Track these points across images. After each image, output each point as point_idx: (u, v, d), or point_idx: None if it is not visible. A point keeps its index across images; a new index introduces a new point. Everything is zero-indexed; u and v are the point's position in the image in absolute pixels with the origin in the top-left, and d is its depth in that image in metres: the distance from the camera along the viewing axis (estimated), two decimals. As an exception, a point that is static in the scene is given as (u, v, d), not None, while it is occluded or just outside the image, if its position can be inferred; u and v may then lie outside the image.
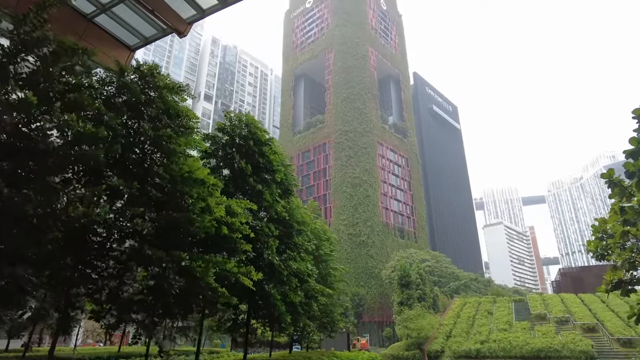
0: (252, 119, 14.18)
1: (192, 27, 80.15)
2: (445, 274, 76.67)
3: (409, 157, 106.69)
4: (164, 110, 8.87)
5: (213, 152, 14.38)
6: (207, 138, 14.14)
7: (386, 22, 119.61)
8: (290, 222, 15.83)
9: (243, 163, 13.62)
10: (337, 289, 24.49)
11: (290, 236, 15.88)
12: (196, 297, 9.44)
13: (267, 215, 14.31)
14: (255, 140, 14.49)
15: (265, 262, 13.30)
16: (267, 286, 13.01)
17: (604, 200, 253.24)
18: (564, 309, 38.05)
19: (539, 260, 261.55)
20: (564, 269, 61.76)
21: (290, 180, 17.04)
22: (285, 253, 15.12)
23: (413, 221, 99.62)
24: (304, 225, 17.13)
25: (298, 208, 16.74)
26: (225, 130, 14.54)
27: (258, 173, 14.36)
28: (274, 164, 15.18)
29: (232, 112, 14.31)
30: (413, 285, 40.52)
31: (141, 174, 8.89)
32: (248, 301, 13.92)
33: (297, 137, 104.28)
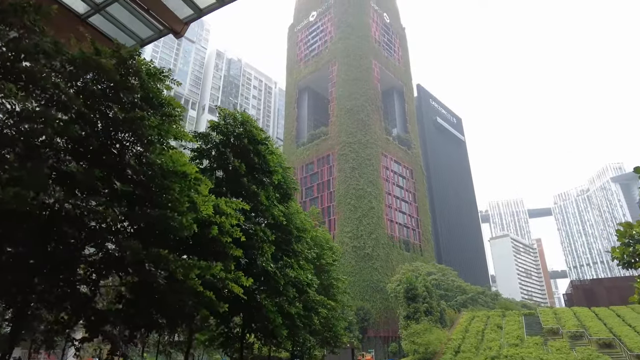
0: (248, 117, 13.36)
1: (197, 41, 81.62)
2: (452, 288, 75.08)
3: (413, 168, 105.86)
4: (144, 97, 8.03)
5: (205, 151, 13.42)
6: (199, 137, 13.31)
7: (389, 35, 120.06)
8: (289, 227, 14.65)
9: (237, 162, 12.61)
10: (340, 301, 23.02)
11: (289, 243, 14.69)
12: (179, 303, 8.37)
13: (263, 219, 13.25)
14: (250, 139, 13.52)
15: (259, 269, 12.14)
16: (259, 296, 11.88)
17: (611, 212, 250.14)
18: (577, 324, 36.62)
19: (547, 273, 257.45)
20: (575, 282, 60.08)
21: (289, 184, 15.93)
22: (282, 260, 13.91)
23: (418, 234, 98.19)
24: (304, 232, 15.88)
25: (298, 213, 15.63)
26: (219, 128, 13.59)
27: (253, 174, 13.37)
28: (270, 164, 14.12)
29: (226, 110, 13.51)
30: (420, 298, 39.33)
31: (111, 163, 7.87)
32: (242, 313, 12.76)
33: (301, 149, 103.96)
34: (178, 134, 8.49)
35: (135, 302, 8.13)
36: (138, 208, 7.79)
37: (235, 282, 9.24)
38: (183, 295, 8.09)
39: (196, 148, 13.15)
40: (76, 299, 7.36)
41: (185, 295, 8.11)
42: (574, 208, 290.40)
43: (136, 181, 7.81)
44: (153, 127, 7.84)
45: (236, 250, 9.98)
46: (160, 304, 8.23)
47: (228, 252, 9.87)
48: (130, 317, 8.08)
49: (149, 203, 7.99)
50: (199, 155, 13.41)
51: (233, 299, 10.55)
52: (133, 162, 7.72)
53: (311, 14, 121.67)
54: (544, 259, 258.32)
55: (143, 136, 7.94)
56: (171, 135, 8.30)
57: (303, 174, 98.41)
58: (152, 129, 7.90)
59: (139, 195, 7.82)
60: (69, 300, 7.26)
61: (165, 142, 8.44)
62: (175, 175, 7.90)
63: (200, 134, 13.36)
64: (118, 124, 7.61)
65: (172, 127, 8.31)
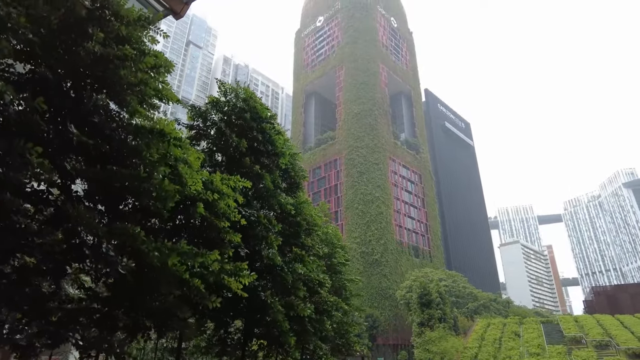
0: (252, 94, 11.93)
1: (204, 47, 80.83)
2: (463, 294, 73.16)
3: (422, 173, 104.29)
4: (116, 37, 6.60)
5: (203, 130, 11.83)
6: (197, 114, 11.89)
7: (397, 39, 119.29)
8: (298, 219, 12.88)
9: (236, 138, 11.01)
10: (352, 305, 21.11)
11: (297, 236, 12.86)
12: (159, 298, 6.89)
13: (268, 208, 11.55)
14: (253, 115, 11.89)
15: (263, 262, 10.39)
16: (263, 294, 10.04)
17: (624, 218, 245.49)
18: (602, 332, 34.69)
19: (558, 280, 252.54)
20: (597, 288, 57.73)
21: (297, 171, 14.25)
22: (291, 253, 12.16)
23: (428, 239, 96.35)
24: (315, 227, 14.36)
25: (307, 204, 14.17)
26: (219, 105, 11.92)
27: (257, 155, 11.81)
28: (277, 145, 12.51)
29: (227, 84, 12.16)
30: (433, 304, 37.65)
31: (67, 106, 6.10)
32: (242, 314, 10.88)
33: (308, 154, 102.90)
34: (162, 93, 6.83)
35: (111, 299, 6.71)
36: (100, 166, 6.06)
37: (234, 276, 7.50)
38: (161, 286, 6.56)
39: (192, 125, 11.66)
40: (25, 296, 5.59)
41: (164, 286, 6.53)
42: (585, 214, 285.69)
43: (100, 136, 6.12)
44: (128, 73, 6.18)
45: (234, 236, 8.17)
46: (132, 298, 6.74)
47: (225, 238, 8.12)
48: (104, 318, 6.51)
49: (115, 162, 6.36)
50: (195, 136, 11.83)
51: (232, 298, 9.05)
52: (98, 116, 6.18)
53: (318, 19, 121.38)
54: (555, 266, 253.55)
55: (115, 84, 6.22)
56: (151, 91, 6.87)
57: (310, 179, 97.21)
58: (133, 78, 6.28)
59: (104, 153, 6.17)
60: (19, 296, 5.45)
61: (146, 102, 6.79)
62: (153, 135, 6.26)
63: (197, 111, 11.79)
64: (83, 61, 5.86)
65: (154, 80, 6.77)
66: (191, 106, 11.60)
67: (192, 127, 11.73)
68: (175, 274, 6.24)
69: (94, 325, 6.36)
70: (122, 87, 6.39)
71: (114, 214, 6.48)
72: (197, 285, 6.58)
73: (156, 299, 7.06)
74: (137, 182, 6.17)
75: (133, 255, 6.26)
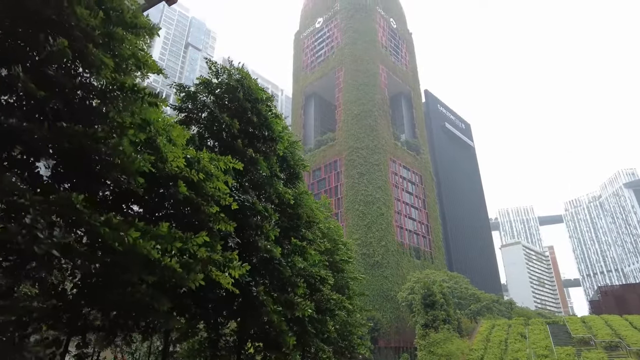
0: (246, 74, 11.03)
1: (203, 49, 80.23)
2: (466, 296, 72.29)
3: (422, 174, 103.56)
4: None
5: (191, 112, 10.65)
6: (187, 96, 10.81)
7: (396, 40, 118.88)
8: (298, 210, 11.68)
9: (227, 118, 9.91)
10: (356, 304, 19.71)
11: (297, 229, 11.74)
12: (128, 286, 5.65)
13: (264, 196, 10.42)
14: (247, 94, 10.73)
15: (258, 255, 9.28)
16: (255, 289, 8.76)
17: (625, 219, 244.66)
18: (611, 333, 33.85)
19: (560, 281, 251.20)
20: (604, 287, 56.76)
21: (297, 161, 13.17)
22: (290, 245, 11.01)
23: (429, 240, 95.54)
24: (316, 220, 12.96)
25: (307, 194, 13.23)
26: (210, 87, 10.84)
27: (251, 140, 10.65)
28: (274, 129, 11.33)
29: (219, 64, 11.29)
30: (437, 305, 36.81)
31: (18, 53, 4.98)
32: (236, 314, 9.61)
33: (308, 156, 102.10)
34: (139, 59, 5.74)
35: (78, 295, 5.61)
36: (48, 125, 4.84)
37: (222, 268, 6.45)
38: (131, 275, 5.36)
39: (181, 107, 10.68)
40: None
41: (134, 274, 5.33)
42: (586, 215, 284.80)
43: (55, 93, 5.05)
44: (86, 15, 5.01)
45: (226, 224, 7.03)
46: (100, 293, 5.58)
47: (213, 225, 6.96)
48: (74, 317, 5.63)
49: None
50: (185, 120, 10.63)
51: (224, 296, 8.13)
52: (53, 70, 5.04)
53: (317, 21, 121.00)
54: (556, 267, 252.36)
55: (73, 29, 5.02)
56: (127, 50, 5.63)
57: (310, 181, 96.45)
58: (86, 18, 5.06)
59: (58, 111, 5.11)
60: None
61: (123, 69, 5.70)
62: (118, 92, 5.29)
63: (186, 92, 10.62)
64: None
65: (130, 42, 5.60)
66: (179, 85, 10.64)
67: (181, 109, 10.69)
68: (141, 255, 5.13)
69: (62, 326, 5.49)
70: (84, 36, 5.20)
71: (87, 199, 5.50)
72: (170, 265, 5.43)
73: (130, 292, 5.84)
74: (90, 142, 4.98)
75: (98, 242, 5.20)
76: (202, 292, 7.58)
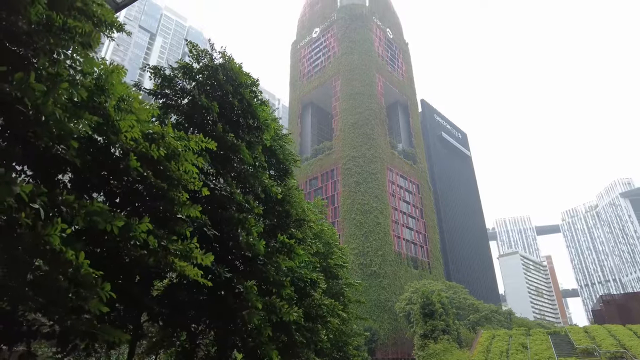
0: (230, 58, 10.16)
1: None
2: (464, 306, 71.31)
3: (419, 183, 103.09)
4: None
5: (171, 98, 9.55)
6: (165, 80, 9.41)
7: (392, 50, 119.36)
8: (286, 207, 10.60)
9: (205, 100, 8.79)
10: (352, 312, 18.23)
11: (285, 227, 10.62)
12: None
13: (249, 189, 9.35)
14: (228, 77, 9.69)
15: (239, 252, 8.11)
16: (241, 286, 7.49)
17: (622, 228, 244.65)
18: (615, 343, 32.91)
19: (559, 291, 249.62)
20: (606, 296, 55.74)
21: (287, 155, 11.97)
22: (276, 242, 9.77)
23: (427, 250, 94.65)
24: (307, 220, 11.88)
25: (298, 191, 12.13)
26: (192, 72, 9.73)
27: (234, 128, 9.54)
28: (259, 116, 10.18)
29: (199, 47, 10.39)
30: (436, 315, 35.86)
31: None
32: (211, 318, 8.15)
33: (305, 165, 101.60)
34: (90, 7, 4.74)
35: None
36: None
37: (185, 257, 5.40)
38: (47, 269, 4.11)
39: (158, 92, 9.73)
40: None
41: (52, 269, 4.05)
42: (583, 225, 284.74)
43: None
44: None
45: (192, 209, 5.97)
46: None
47: (178, 210, 5.89)
48: None
49: None
50: (163, 106, 9.48)
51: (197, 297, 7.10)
52: None
53: (314, 31, 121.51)
54: (555, 276, 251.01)
55: None
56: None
57: (307, 190, 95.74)
58: None
59: None
60: None
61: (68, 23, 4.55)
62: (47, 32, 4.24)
63: (163, 76, 9.42)
64: None
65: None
66: (153, 68, 9.62)
67: (158, 94, 9.72)
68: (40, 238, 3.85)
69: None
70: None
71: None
72: (64, 250, 4.09)
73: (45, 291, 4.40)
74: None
75: None
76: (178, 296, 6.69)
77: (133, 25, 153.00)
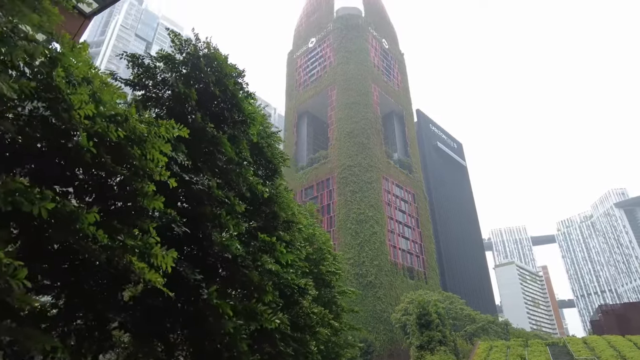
0: (216, 50, 9.57)
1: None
2: (461, 316, 70.62)
3: (415, 193, 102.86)
4: None
5: (151, 90, 8.84)
6: (144, 70, 8.76)
7: (388, 60, 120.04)
8: (274, 208, 9.83)
9: (181, 86, 8.05)
10: (345, 322, 16.93)
11: (272, 230, 9.78)
12: None
13: (233, 187, 8.54)
14: (212, 67, 8.92)
15: (214, 253, 7.22)
16: (205, 291, 6.52)
17: (617, 238, 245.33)
18: (615, 354, 32.30)
19: (555, 302, 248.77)
20: (605, 306, 55.18)
21: (276, 155, 11.08)
22: (257, 242, 8.74)
23: (423, 260, 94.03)
24: (296, 222, 11.17)
25: (287, 191, 11.20)
26: (174, 63, 9.02)
27: (216, 120, 8.79)
28: (244, 109, 9.40)
29: (182, 37, 9.79)
30: (433, 325, 35.19)
31: None
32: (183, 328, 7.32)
33: (300, 174, 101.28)
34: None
35: None
36: None
37: (143, 257, 4.73)
38: None
39: (136, 81, 9.04)
40: None
41: None
42: (578, 235, 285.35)
43: None
44: None
45: (154, 201, 5.27)
46: None
47: (141, 201, 5.21)
48: None
49: None
50: (143, 99, 8.76)
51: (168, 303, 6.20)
52: None
53: (310, 41, 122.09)
54: (551, 287, 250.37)
55: None
56: None
57: (302, 199, 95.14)
58: None
59: None
60: None
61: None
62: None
63: (141, 65, 8.76)
64: None
65: None
66: (131, 56, 8.92)
67: (136, 85, 9.00)
68: None
69: None
70: None
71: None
72: None
73: None
74: None
75: None
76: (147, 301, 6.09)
77: (129, 33, 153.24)
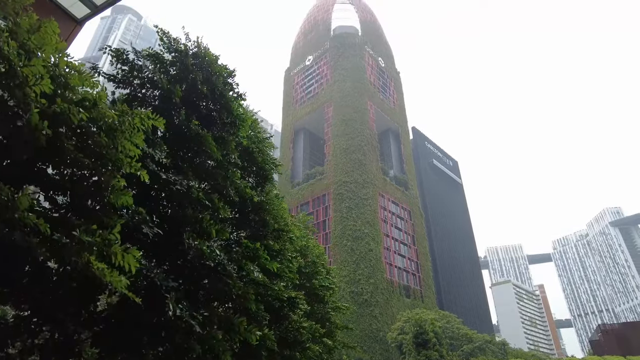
0: (207, 51, 9.19)
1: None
2: (458, 336, 69.55)
3: (411, 210, 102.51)
4: None
5: (137, 89, 8.38)
6: (131, 68, 8.37)
7: (384, 78, 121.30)
8: (264, 215, 9.30)
9: (165, 81, 7.64)
10: (338, 340, 16.03)
11: (261, 238, 9.22)
12: None
13: (213, 189, 8.03)
14: (200, 66, 8.53)
15: (189, 255, 6.57)
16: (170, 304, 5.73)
17: (613, 257, 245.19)
18: (615, 375, 31.70)
19: (552, 321, 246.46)
20: (604, 326, 54.34)
21: (267, 160, 10.49)
22: (240, 248, 8.14)
23: (419, 278, 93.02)
24: (288, 231, 10.58)
25: (278, 199, 10.73)
26: (163, 63, 8.55)
27: (204, 122, 8.31)
28: (233, 109, 8.97)
29: (171, 35, 9.39)
30: (430, 344, 34.39)
31: None
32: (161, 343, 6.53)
33: (296, 190, 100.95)
34: None
35: None
36: None
37: (101, 256, 4.19)
38: None
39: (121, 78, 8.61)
40: None
41: None
42: (574, 254, 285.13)
43: None
44: None
45: (122, 195, 4.78)
46: None
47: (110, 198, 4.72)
48: None
49: None
50: (130, 98, 8.30)
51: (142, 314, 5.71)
52: None
53: (307, 58, 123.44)
54: (548, 306, 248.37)
55: None
56: None
57: (298, 215, 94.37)
58: None
59: None
60: None
61: None
62: None
63: (127, 63, 8.32)
64: None
65: None
66: (115, 51, 8.54)
67: (120, 81, 8.50)
68: None
69: None
70: None
71: None
72: None
73: None
74: None
75: None
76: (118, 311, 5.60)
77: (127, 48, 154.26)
